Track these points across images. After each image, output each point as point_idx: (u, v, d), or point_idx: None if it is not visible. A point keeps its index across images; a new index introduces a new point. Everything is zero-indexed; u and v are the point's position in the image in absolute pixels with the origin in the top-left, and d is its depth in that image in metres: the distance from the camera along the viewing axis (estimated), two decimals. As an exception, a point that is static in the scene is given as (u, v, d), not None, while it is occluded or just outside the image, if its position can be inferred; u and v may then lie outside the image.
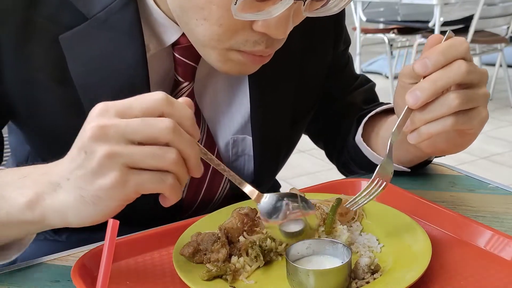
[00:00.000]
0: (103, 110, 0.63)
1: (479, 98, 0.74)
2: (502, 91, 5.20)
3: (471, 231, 0.79)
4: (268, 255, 0.74)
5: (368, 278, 0.69)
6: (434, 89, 0.72)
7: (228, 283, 0.70)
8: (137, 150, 0.62)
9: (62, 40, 0.84)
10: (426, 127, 0.74)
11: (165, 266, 0.76)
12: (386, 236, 0.79)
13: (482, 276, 0.71)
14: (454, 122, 0.73)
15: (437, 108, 0.73)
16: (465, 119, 0.74)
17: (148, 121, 0.62)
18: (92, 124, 0.62)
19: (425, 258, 0.70)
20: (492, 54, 5.38)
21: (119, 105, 0.63)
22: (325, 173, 3.51)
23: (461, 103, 0.72)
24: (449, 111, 0.72)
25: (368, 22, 5.29)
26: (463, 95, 0.72)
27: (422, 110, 0.74)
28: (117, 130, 0.61)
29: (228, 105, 0.98)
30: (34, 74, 0.85)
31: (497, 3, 4.60)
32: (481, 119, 0.76)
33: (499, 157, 3.82)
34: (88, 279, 0.71)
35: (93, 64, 0.85)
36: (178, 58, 0.90)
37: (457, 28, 4.69)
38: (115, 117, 0.62)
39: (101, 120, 0.62)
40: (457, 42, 0.73)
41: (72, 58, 0.85)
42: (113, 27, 0.85)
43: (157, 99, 0.63)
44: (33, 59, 0.85)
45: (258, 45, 0.77)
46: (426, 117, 0.74)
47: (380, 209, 0.85)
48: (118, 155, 0.61)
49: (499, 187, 0.98)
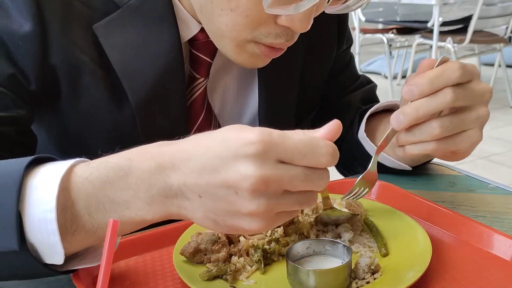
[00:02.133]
0: (263, 153, 0.55)
1: (469, 122, 0.75)
2: (501, 91, 5.20)
3: (471, 231, 0.79)
4: (270, 258, 0.74)
5: (368, 278, 0.69)
6: (416, 116, 0.74)
7: (228, 283, 0.70)
8: (289, 200, 0.58)
9: (96, 29, 0.85)
10: (410, 147, 0.77)
11: (165, 266, 0.76)
12: (386, 236, 0.78)
13: (482, 276, 0.71)
14: (437, 147, 0.75)
15: (419, 133, 0.75)
16: (451, 143, 0.75)
17: (310, 177, 0.58)
18: (252, 174, 0.55)
19: (425, 258, 0.70)
20: (491, 54, 5.39)
21: (281, 149, 0.56)
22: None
23: (443, 131, 0.74)
24: (431, 138, 0.75)
25: (367, 22, 5.30)
26: (447, 123, 0.74)
27: (406, 132, 0.76)
28: (279, 185, 0.56)
29: (236, 102, 1.00)
30: (79, 55, 0.85)
31: (496, 3, 4.59)
32: (472, 142, 0.77)
33: (498, 157, 3.82)
34: (88, 279, 0.71)
35: (129, 52, 0.86)
36: (194, 53, 0.91)
37: (456, 28, 4.70)
38: (277, 164, 0.56)
39: (263, 170, 0.55)
40: (449, 69, 0.73)
41: (108, 47, 0.85)
42: (146, 14, 0.86)
43: (328, 159, 0.58)
44: (78, 41, 0.85)
45: (280, 38, 0.78)
46: (409, 140, 0.76)
47: (380, 209, 0.85)
48: (272, 207, 0.57)
49: (499, 187, 0.98)
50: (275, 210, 0.58)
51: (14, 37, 0.82)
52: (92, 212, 0.61)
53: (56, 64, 0.85)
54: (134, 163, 0.60)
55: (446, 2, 4.65)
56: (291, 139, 0.56)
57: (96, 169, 0.62)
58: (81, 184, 0.61)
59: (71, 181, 0.61)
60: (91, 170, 0.62)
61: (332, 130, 0.59)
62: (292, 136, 0.57)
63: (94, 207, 0.61)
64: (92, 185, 0.61)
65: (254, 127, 0.57)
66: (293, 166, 0.56)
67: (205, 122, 0.95)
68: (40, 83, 0.85)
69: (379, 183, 0.95)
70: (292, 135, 0.57)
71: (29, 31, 0.82)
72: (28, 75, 0.84)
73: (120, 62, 0.86)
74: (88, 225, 0.62)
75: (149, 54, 0.87)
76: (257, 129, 0.56)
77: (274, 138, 0.55)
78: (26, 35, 0.82)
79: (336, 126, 0.59)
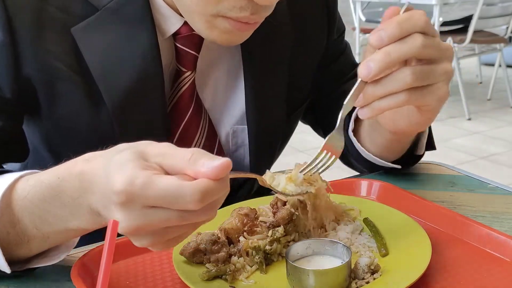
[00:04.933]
0: (127, 202, 0.55)
1: (437, 74, 0.72)
2: (502, 91, 5.20)
3: (471, 231, 0.79)
4: (270, 258, 0.74)
5: (368, 278, 0.69)
6: (388, 61, 0.69)
7: (228, 283, 0.70)
8: (176, 230, 0.58)
9: (74, 32, 0.85)
10: (378, 102, 0.72)
11: (165, 266, 0.76)
12: (386, 236, 0.78)
13: (482, 276, 0.71)
14: (407, 98, 0.71)
15: (390, 83, 0.71)
16: (419, 95, 0.72)
17: (187, 217, 0.57)
18: (122, 224, 0.56)
19: (425, 258, 0.70)
20: (492, 54, 5.38)
21: (144, 198, 0.55)
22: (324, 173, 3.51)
23: (415, 79, 0.70)
24: (402, 87, 0.70)
25: (367, 22, 5.29)
26: (418, 70, 0.70)
27: (375, 84, 0.72)
28: (153, 227, 0.57)
29: (227, 96, 0.99)
30: (52, 62, 0.86)
31: (496, 3, 4.59)
32: (440, 96, 0.73)
33: (499, 157, 3.82)
34: (88, 279, 0.71)
35: (107, 54, 0.86)
36: (179, 47, 0.92)
37: (456, 28, 4.70)
38: (144, 211, 0.56)
39: (129, 220, 0.56)
40: (415, 14, 0.71)
41: (86, 49, 0.85)
42: (124, 17, 0.86)
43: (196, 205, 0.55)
44: (51, 47, 0.85)
45: (244, 11, 0.77)
46: (378, 92, 0.72)
47: (380, 209, 0.85)
48: (157, 240, 0.59)
49: (498, 187, 0.98)
50: (165, 239, 0.59)
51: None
52: (38, 225, 0.67)
53: (30, 74, 0.86)
54: (62, 182, 0.63)
55: (446, 2, 4.64)
56: (155, 188, 0.54)
57: (33, 187, 0.66)
58: (21, 202, 0.67)
59: (12, 199, 0.68)
60: (29, 188, 0.67)
61: (217, 169, 0.55)
62: (158, 184, 0.54)
63: (39, 222, 0.67)
64: (32, 204, 0.66)
65: (132, 170, 0.55)
66: (164, 209, 0.55)
67: (195, 116, 0.95)
68: (16, 92, 0.86)
69: (379, 183, 0.95)
70: (159, 182, 0.54)
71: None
72: (2, 84, 0.85)
73: (96, 65, 0.86)
74: (39, 235, 0.68)
75: (125, 56, 0.87)
76: (125, 174, 0.54)
77: (137, 188, 0.54)
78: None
79: (224, 166, 0.55)
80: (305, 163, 0.78)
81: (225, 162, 0.55)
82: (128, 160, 0.56)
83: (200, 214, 0.56)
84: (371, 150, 0.98)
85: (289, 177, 0.75)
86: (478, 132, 4.32)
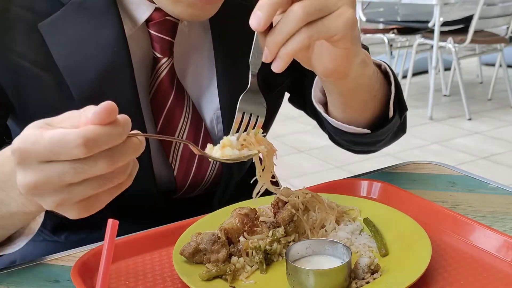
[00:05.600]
0: (21, 160, 0.56)
1: (332, 1, 0.67)
2: (502, 91, 5.20)
3: (471, 231, 0.79)
4: (270, 259, 0.74)
5: (368, 278, 0.69)
6: (273, 2, 0.65)
7: (228, 283, 0.70)
8: (83, 188, 0.57)
9: (41, 28, 0.86)
10: (283, 49, 0.67)
11: (165, 266, 0.76)
12: (386, 236, 0.78)
13: (482, 276, 0.71)
14: (308, 35, 0.66)
15: (284, 25, 0.66)
16: (320, 27, 0.67)
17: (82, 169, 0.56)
18: (21, 183, 0.57)
19: (425, 258, 0.70)
20: (492, 54, 5.38)
21: (35, 153, 0.56)
22: (324, 173, 3.51)
23: (308, 12, 0.65)
24: (299, 25, 0.66)
25: (367, 22, 5.29)
26: (308, 4, 0.65)
27: (272, 33, 0.67)
28: (54, 183, 0.57)
29: (209, 82, 0.99)
30: (18, 61, 0.87)
31: (497, 3, 4.59)
32: (345, 20, 0.67)
33: (499, 157, 3.82)
34: (88, 279, 0.71)
35: (74, 48, 0.87)
36: (154, 34, 0.92)
37: (456, 28, 4.70)
38: (40, 166, 0.56)
39: (27, 177, 0.57)
40: None
41: (53, 44, 0.86)
42: (90, 10, 0.87)
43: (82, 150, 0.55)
44: (15, 47, 0.86)
45: None
46: (278, 39, 0.67)
47: (380, 209, 0.85)
48: (66, 199, 0.58)
49: (499, 187, 0.98)
50: (74, 200, 0.57)
51: None
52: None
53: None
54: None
55: (447, 2, 4.64)
56: (42, 141, 0.54)
57: None
58: None
59: None
60: None
61: (100, 113, 0.55)
62: (45, 136, 0.55)
63: None
64: None
65: (28, 130, 0.56)
66: (58, 163, 0.55)
67: (176, 102, 0.95)
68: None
69: (379, 183, 0.95)
70: (46, 134, 0.55)
71: None
72: None
73: (63, 59, 0.87)
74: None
75: (92, 49, 0.88)
76: (21, 135, 0.56)
77: (28, 145, 0.55)
78: None
79: (107, 108, 0.55)
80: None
81: (107, 105, 0.54)
82: (30, 126, 0.57)
83: (94, 164, 0.55)
84: (338, 117, 0.93)
85: (223, 143, 0.72)
86: (479, 132, 4.31)
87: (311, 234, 0.78)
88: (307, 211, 0.81)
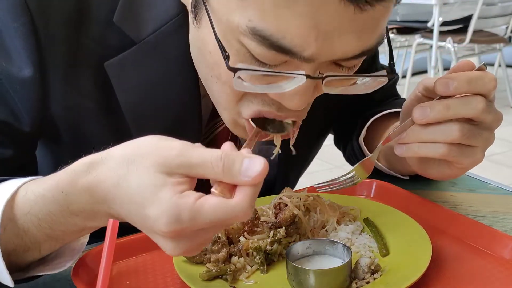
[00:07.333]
0: (176, 238, 0.54)
1: (481, 139, 0.72)
2: (501, 91, 5.20)
3: (471, 231, 0.79)
4: (270, 259, 0.74)
5: (368, 278, 0.69)
6: (445, 114, 0.70)
7: (228, 283, 0.70)
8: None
9: (108, 67, 0.78)
10: (418, 145, 0.72)
11: (165, 266, 0.76)
12: (387, 236, 0.78)
13: (482, 276, 0.71)
14: (446, 152, 0.71)
15: (437, 132, 0.71)
16: (459, 153, 0.72)
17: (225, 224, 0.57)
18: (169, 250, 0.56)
19: (425, 258, 0.70)
20: (491, 54, 5.38)
21: (192, 230, 0.54)
22: (325, 173, 3.51)
23: (462, 137, 0.70)
24: (446, 140, 0.71)
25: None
26: (467, 130, 0.71)
27: (422, 128, 0.72)
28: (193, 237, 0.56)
29: None
30: (81, 101, 0.80)
31: (496, 3, 4.59)
32: (475, 160, 0.74)
33: (499, 157, 3.82)
34: (88, 279, 0.71)
35: (142, 93, 0.80)
36: None
37: (456, 28, 4.70)
38: (193, 234, 0.55)
39: (179, 248, 0.55)
40: (486, 77, 0.71)
41: (119, 86, 0.79)
42: (165, 53, 0.79)
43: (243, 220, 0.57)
44: (81, 85, 0.80)
45: (268, 105, 0.69)
46: (423, 137, 0.72)
47: (380, 209, 0.85)
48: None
49: (499, 187, 0.98)
50: (202, 246, 0.59)
51: (12, 80, 0.77)
52: (50, 234, 0.64)
53: (56, 113, 0.81)
54: (68, 196, 0.60)
55: (446, 2, 4.64)
56: (202, 217, 0.52)
57: (35, 203, 0.63)
58: (25, 217, 0.63)
59: (14, 214, 0.64)
60: (31, 204, 0.63)
61: (259, 176, 0.53)
62: (205, 212, 0.52)
63: (50, 231, 0.64)
64: (38, 218, 0.63)
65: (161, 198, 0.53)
66: (214, 227, 0.55)
67: None
68: (36, 127, 0.81)
69: (380, 183, 0.95)
70: (205, 211, 0.52)
71: (28, 77, 0.76)
72: (23, 118, 0.79)
73: (130, 106, 0.80)
74: (51, 239, 0.65)
75: (163, 98, 0.80)
76: (165, 213, 0.52)
77: (185, 225, 0.52)
78: (24, 80, 0.76)
79: (263, 171, 0.53)
80: None
81: (264, 167, 0.53)
82: (155, 186, 0.53)
83: None
84: (382, 162, 0.97)
85: None
86: (478, 132, 4.31)
87: (311, 235, 0.78)
88: (308, 212, 0.80)
